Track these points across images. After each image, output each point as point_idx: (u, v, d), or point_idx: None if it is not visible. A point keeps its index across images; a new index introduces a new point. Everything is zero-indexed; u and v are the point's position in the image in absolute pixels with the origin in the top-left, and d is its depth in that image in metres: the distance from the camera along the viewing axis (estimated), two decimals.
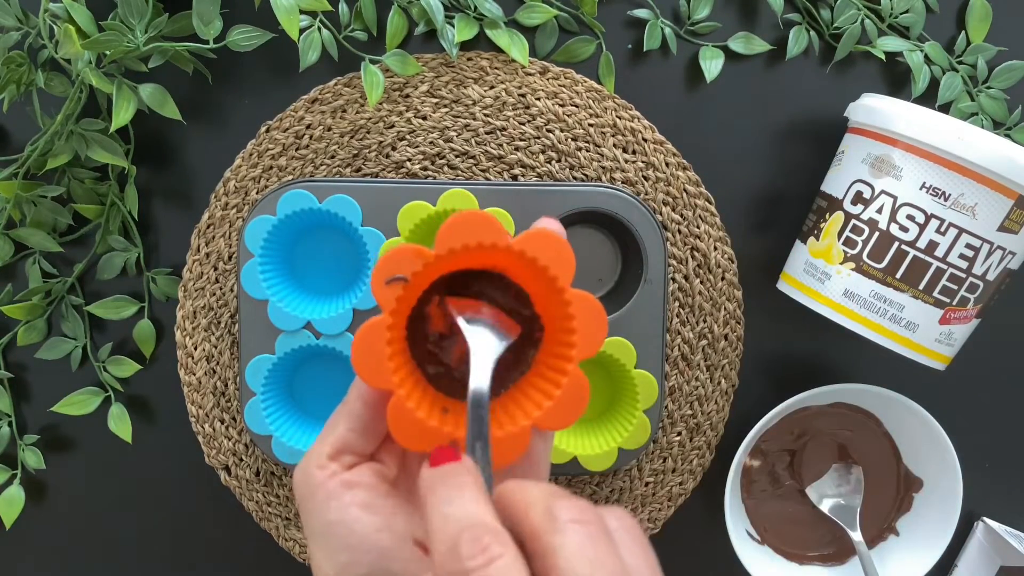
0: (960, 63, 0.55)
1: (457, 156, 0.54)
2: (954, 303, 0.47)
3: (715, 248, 0.55)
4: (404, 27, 0.53)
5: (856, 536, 0.54)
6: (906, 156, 0.46)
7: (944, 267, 0.46)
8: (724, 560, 0.54)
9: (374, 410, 0.32)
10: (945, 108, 0.55)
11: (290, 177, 0.54)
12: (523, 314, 0.33)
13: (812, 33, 0.55)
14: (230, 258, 0.54)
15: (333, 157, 0.54)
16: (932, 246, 0.46)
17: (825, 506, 0.56)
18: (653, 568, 0.26)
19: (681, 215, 0.55)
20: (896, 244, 0.47)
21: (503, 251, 0.31)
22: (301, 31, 0.51)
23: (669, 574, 0.62)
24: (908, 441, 0.56)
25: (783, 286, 0.53)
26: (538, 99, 0.54)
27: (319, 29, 0.51)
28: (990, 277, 0.47)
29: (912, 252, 0.46)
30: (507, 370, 0.33)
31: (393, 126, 0.54)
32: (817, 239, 0.50)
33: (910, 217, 0.46)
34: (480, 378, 0.30)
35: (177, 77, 0.53)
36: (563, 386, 0.31)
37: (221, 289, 0.54)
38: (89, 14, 0.48)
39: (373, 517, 0.31)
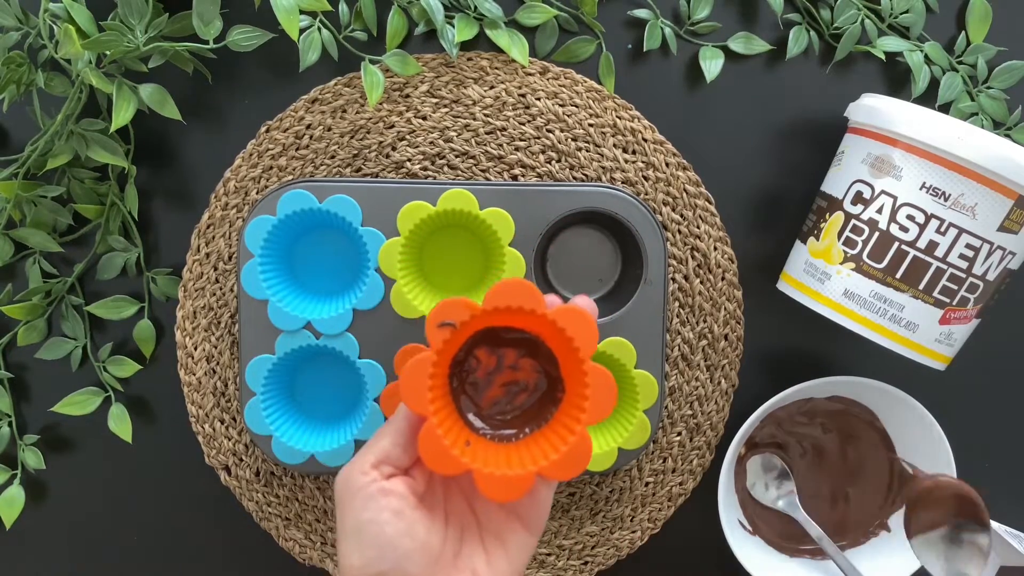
0: (960, 63, 0.55)
1: (457, 156, 0.54)
2: (954, 303, 0.47)
3: (715, 248, 0.55)
4: (404, 27, 0.53)
5: (815, 531, 0.54)
6: (906, 156, 0.46)
7: (944, 267, 0.46)
8: (724, 560, 0.54)
9: (415, 431, 0.37)
10: (945, 108, 0.55)
11: (290, 177, 0.54)
12: (551, 374, 0.39)
13: (812, 33, 0.55)
14: (230, 258, 0.54)
15: (333, 157, 0.54)
16: (932, 246, 0.46)
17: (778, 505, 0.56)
18: None
19: (681, 215, 0.55)
20: (896, 244, 0.47)
21: (539, 318, 0.36)
22: (301, 31, 0.51)
23: (669, 573, 0.63)
24: (903, 437, 0.56)
25: (783, 286, 0.53)
26: (538, 99, 0.54)
27: (319, 29, 0.51)
28: (990, 277, 0.47)
29: (912, 252, 0.46)
30: (528, 420, 0.39)
31: (393, 126, 0.54)
32: (817, 239, 0.50)
33: (910, 217, 0.46)
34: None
35: (177, 77, 0.53)
36: (570, 444, 0.36)
37: (221, 289, 0.54)
38: (89, 14, 0.48)
39: (400, 523, 0.36)
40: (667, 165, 0.55)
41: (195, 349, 0.54)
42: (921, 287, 0.47)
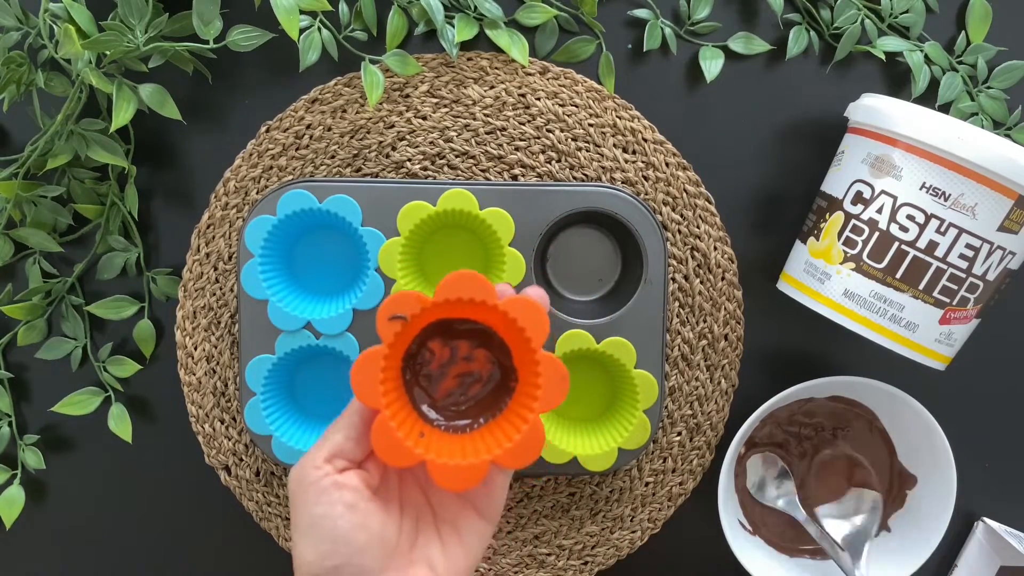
0: (960, 63, 0.55)
1: (457, 156, 0.54)
2: (954, 303, 0.47)
3: (715, 248, 0.55)
4: (404, 27, 0.53)
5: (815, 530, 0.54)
6: (906, 156, 0.46)
7: (944, 267, 0.46)
8: (724, 560, 0.54)
9: (368, 424, 0.37)
10: (945, 108, 0.56)
11: (290, 177, 0.54)
12: (504, 364, 0.39)
13: (812, 33, 0.55)
14: (230, 258, 0.54)
15: (333, 157, 0.54)
16: (932, 246, 0.46)
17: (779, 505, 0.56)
18: None
19: (681, 215, 0.55)
20: (896, 244, 0.47)
21: (491, 309, 0.37)
22: (301, 31, 0.51)
23: (669, 573, 0.63)
24: (903, 437, 0.56)
25: (783, 286, 0.53)
26: (538, 99, 0.54)
27: (319, 29, 0.51)
28: (990, 277, 0.47)
29: (912, 252, 0.46)
30: (482, 410, 0.39)
31: (393, 126, 0.54)
32: (817, 239, 0.50)
33: (910, 217, 0.46)
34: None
35: (177, 77, 0.53)
36: (523, 433, 0.37)
37: (221, 289, 0.54)
38: (89, 14, 0.48)
39: (354, 516, 0.35)
40: (667, 165, 0.55)
41: (195, 349, 0.54)
42: (921, 287, 0.47)
